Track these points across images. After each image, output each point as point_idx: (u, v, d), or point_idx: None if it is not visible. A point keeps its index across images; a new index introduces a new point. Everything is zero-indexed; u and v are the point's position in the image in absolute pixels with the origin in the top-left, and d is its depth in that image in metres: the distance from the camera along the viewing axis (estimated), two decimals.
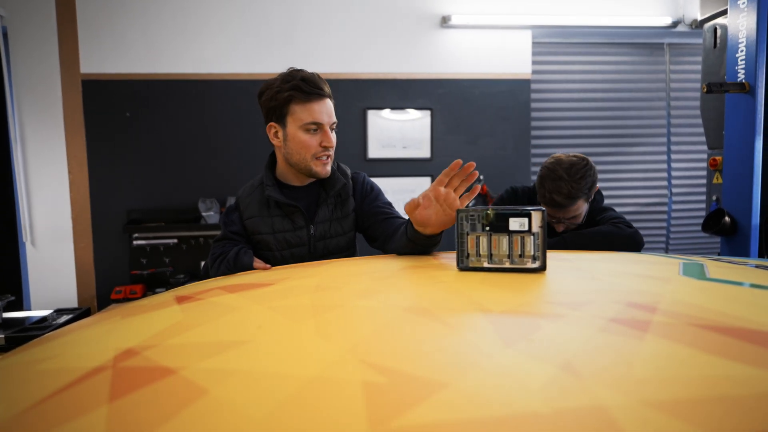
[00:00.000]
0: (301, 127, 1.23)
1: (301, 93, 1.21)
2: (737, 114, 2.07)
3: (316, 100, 1.23)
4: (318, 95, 1.23)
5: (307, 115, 1.22)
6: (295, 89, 1.21)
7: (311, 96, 1.22)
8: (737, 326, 0.46)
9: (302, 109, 1.22)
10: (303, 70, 1.26)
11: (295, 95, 1.21)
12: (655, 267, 0.79)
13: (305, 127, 1.23)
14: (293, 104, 1.23)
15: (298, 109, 1.23)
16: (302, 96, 1.22)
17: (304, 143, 1.24)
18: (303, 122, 1.23)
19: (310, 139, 1.24)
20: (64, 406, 0.40)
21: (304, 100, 1.22)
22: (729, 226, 2.06)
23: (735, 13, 2.05)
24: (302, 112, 1.22)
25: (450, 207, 0.98)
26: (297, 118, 1.23)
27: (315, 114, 1.23)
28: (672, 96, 3.52)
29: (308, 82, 1.22)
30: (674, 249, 3.62)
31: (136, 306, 0.75)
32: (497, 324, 0.50)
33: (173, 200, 3.07)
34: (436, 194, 0.98)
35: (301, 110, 1.22)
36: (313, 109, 1.23)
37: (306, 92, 1.21)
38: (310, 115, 1.22)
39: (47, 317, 2.22)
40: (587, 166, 1.45)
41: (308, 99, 1.22)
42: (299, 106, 1.22)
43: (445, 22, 3.14)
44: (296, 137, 1.24)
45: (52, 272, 2.98)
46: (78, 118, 2.95)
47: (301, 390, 0.38)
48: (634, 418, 0.32)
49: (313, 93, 1.22)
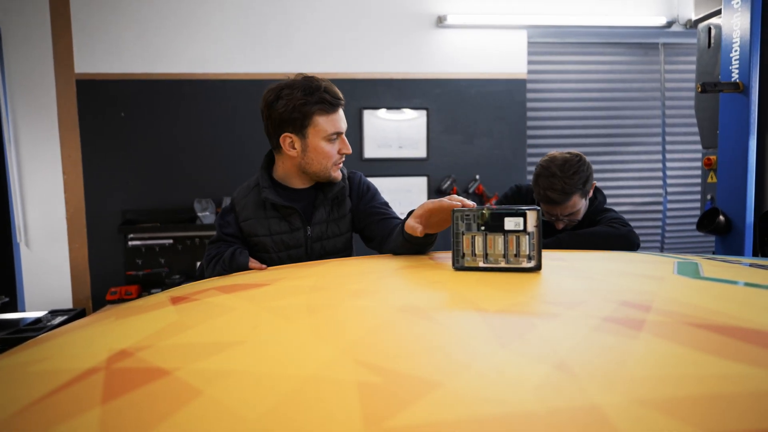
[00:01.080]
0: (325, 137, 1.24)
1: (327, 105, 1.22)
2: (731, 113, 2.08)
3: (337, 111, 1.25)
4: (338, 105, 1.25)
5: (331, 126, 1.24)
6: (322, 102, 1.21)
7: (335, 107, 1.24)
8: (731, 325, 0.46)
9: (326, 121, 1.23)
10: (317, 79, 1.25)
11: (321, 108, 1.22)
12: (650, 266, 0.79)
13: (328, 138, 1.24)
14: (317, 116, 1.23)
15: (322, 121, 1.23)
16: (327, 108, 1.22)
17: (326, 153, 1.25)
18: (327, 133, 1.23)
19: (332, 148, 1.26)
20: (57, 408, 0.40)
21: (328, 112, 1.23)
22: (723, 225, 2.07)
23: (729, 13, 2.06)
24: (326, 124, 1.23)
25: (446, 213, 0.98)
26: (321, 130, 1.23)
27: (337, 124, 1.25)
28: (666, 95, 3.53)
29: (331, 93, 1.23)
30: (669, 248, 3.63)
31: (131, 307, 0.74)
32: (492, 323, 0.50)
33: (168, 201, 3.06)
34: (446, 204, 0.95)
35: (325, 122, 1.23)
36: (336, 120, 1.24)
37: (331, 104, 1.22)
38: (333, 126, 1.24)
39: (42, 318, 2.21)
40: (580, 162, 1.46)
41: (332, 110, 1.24)
42: (323, 118, 1.23)
43: (441, 21, 3.14)
44: (318, 147, 1.25)
45: (46, 273, 2.97)
46: (72, 118, 2.94)
47: (296, 390, 0.38)
48: (627, 416, 0.32)
49: (337, 105, 1.24)
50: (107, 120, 2.99)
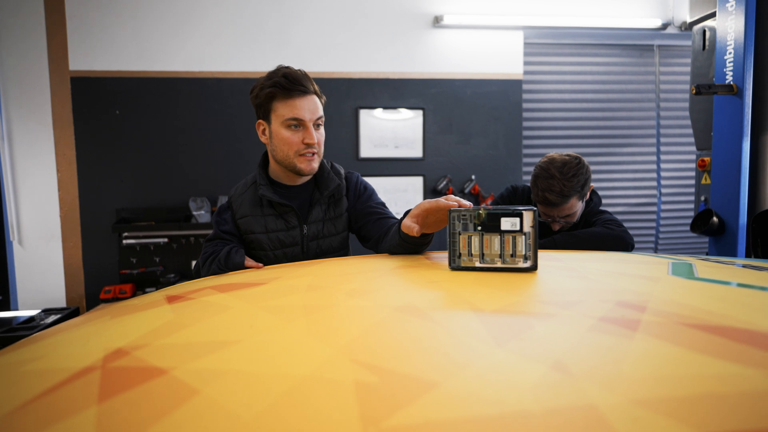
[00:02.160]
0: (283, 123, 1.23)
1: (282, 89, 1.21)
2: (725, 115, 2.09)
3: (297, 97, 1.22)
4: (300, 92, 1.22)
5: (288, 111, 1.22)
6: (276, 86, 1.21)
7: (292, 92, 1.22)
8: (725, 325, 0.46)
9: (284, 106, 1.22)
10: (288, 67, 1.25)
11: (277, 92, 1.22)
12: (645, 267, 0.80)
13: (286, 123, 1.23)
14: (275, 101, 1.23)
15: (280, 106, 1.23)
16: (283, 92, 1.21)
17: (286, 140, 1.24)
18: (284, 118, 1.23)
19: (292, 135, 1.24)
20: (52, 407, 0.39)
21: (285, 97, 1.22)
22: (717, 226, 2.08)
23: (723, 16, 2.07)
24: (283, 108, 1.22)
25: (443, 212, 0.98)
26: (279, 115, 1.23)
27: (296, 110, 1.22)
28: (661, 97, 3.55)
29: (289, 78, 1.21)
30: (663, 249, 3.65)
31: (125, 306, 0.74)
32: (489, 323, 0.50)
33: (163, 199, 3.05)
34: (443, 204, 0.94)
35: (282, 107, 1.23)
36: (294, 105, 1.22)
37: (287, 88, 1.21)
38: (291, 111, 1.22)
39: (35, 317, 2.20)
40: (579, 165, 1.46)
41: (290, 95, 1.22)
42: (281, 103, 1.23)
43: (438, 22, 3.15)
44: (279, 134, 1.24)
45: (40, 272, 2.95)
46: (67, 115, 2.92)
47: (293, 390, 0.38)
48: (623, 416, 0.32)
49: (294, 89, 1.21)
50: (102, 118, 2.97)
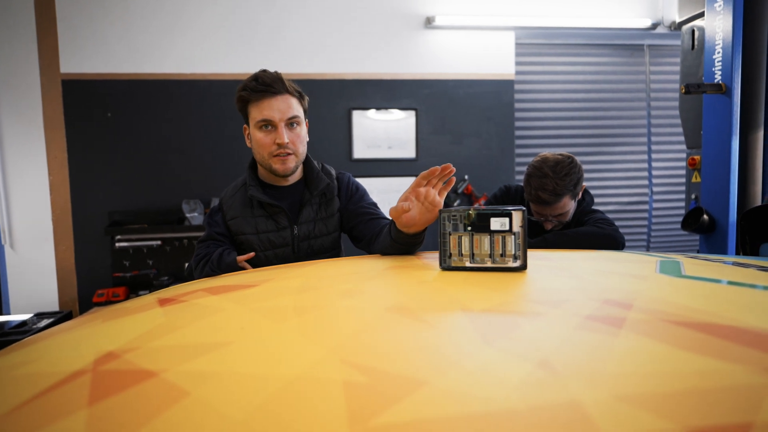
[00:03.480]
0: (256, 125, 1.25)
1: (252, 92, 1.22)
2: (714, 114, 2.11)
3: (267, 98, 1.23)
4: (270, 93, 1.22)
5: (258, 113, 1.23)
6: (246, 89, 1.23)
7: (262, 94, 1.22)
8: (709, 322, 0.47)
9: (255, 108, 1.24)
10: (264, 71, 1.26)
11: (247, 95, 1.23)
12: (633, 265, 0.80)
13: (259, 125, 1.24)
14: (249, 105, 1.24)
15: (253, 109, 1.24)
16: (254, 95, 1.23)
17: (259, 141, 1.25)
18: (256, 120, 1.24)
19: (265, 137, 1.25)
20: (42, 411, 0.40)
21: (256, 99, 1.23)
22: (707, 224, 2.11)
23: (712, 16, 2.09)
24: (255, 111, 1.24)
25: (431, 204, 0.99)
26: (253, 117, 1.25)
27: (265, 111, 1.23)
28: (652, 96, 3.58)
29: (259, 81, 1.22)
30: (655, 247, 3.68)
31: (118, 309, 0.74)
32: (477, 322, 0.51)
33: (156, 201, 3.04)
34: (417, 195, 0.99)
35: (255, 109, 1.24)
36: (264, 107, 1.23)
37: (255, 90, 1.22)
38: (260, 113, 1.23)
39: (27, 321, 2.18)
40: (572, 164, 1.48)
41: (260, 97, 1.23)
42: (253, 106, 1.24)
43: (430, 22, 3.15)
44: (254, 136, 1.26)
45: (32, 275, 2.93)
46: (58, 118, 2.91)
47: (283, 391, 0.38)
48: (607, 412, 0.33)
49: (260, 90, 1.22)
50: (93, 120, 2.96)
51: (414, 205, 1.00)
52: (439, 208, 1.00)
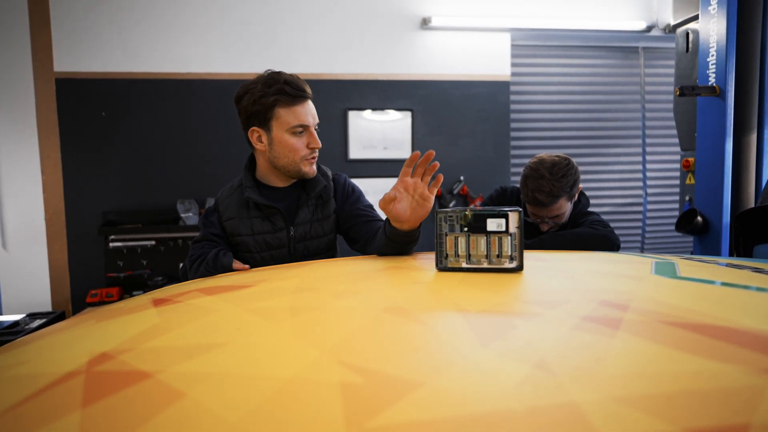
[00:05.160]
0: (288, 130, 1.24)
1: (287, 96, 1.22)
2: (708, 116, 2.12)
3: (300, 103, 1.24)
4: (303, 98, 1.24)
5: (294, 118, 1.23)
6: (280, 93, 1.21)
7: (296, 99, 1.23)
8: (704, 323, 0.47)
9: (288, 113, 1.23)
10: (283, 73, 1.25)
11: (281, 99, 1.22)
12: (629, 266, 0.81)
13: (292, 130, 1.24)
14: (278, 108, 1.23)
15: (284, 113, 1.23)
16: (287, 99, 1.22)
17: (292, 146, 1.25)
18: (290, 125, 1.23)
19: (298, 141, 1.25)
20: (35, 413, 0.39)
21: (289, 104, 1.23)
22: (701, 225, 2.12)
23: (706, 19, 2.10)
24: (288, 116, 1.23)
25: (421, 196, 0.99)
26: (283, 122, 1.23)
27: (301, 117, 1.24)
28: (646, 98, 3.60)
29: (292, 85, 1.22)
30: (649, 248, 3.70)
31: (111, 309, 0.73)
32: (474, 323, 0.51)
33: (151, 201, 3.02)
34: (405, 185, 1.00)
35: (286, 114, 1.23)
36: (299, 112, 1.23)
37: (291, 95, 1.22)
38: (296, 118, 1.23)
39: (19, 322, 2.16)
40: (569, 166, 1.48)
41: (293, 102, 1.23)
42: (284, 110, 1.23)
43: (426, 23, 3.16)
44: (283, 141, 1.25)
45: (24, 275, 2.90)
46: (51, 117, 2.89)
47: (278, 392, 0.38)
48: (604, 413, 0.33)
49: (298, 96, 1.23)
50: (87, 119, 2.94)
51: (403, 196, 1.00)
52: (431, 202, 1.00)
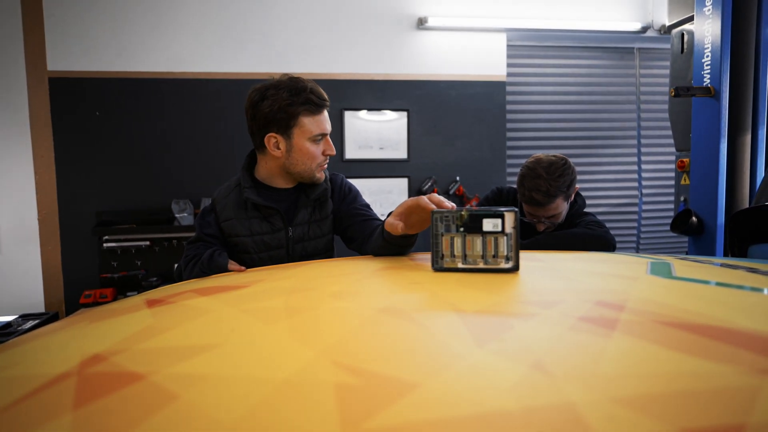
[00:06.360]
0: (310, 138, 1.25)
1: (313, 106, 1.23)
2: (703, 117, 2.13)
3: (322, 112, 1.26)
4: (324, 106, 1.26)
5: (316, 127, 1.25)
6: (308, 103, 1.22)
7: (320, 108, 1.25)
8: (701, 323, 0.47)
9: (312, 122, 1.24)
10: (303, 80, 1.25)
11: (308, 109, 1.23)
12: (624, 266, 0.81)
13: (313, 139, 1.25)
14: (302, 117, 1.24)
15: (308, 122, 1.24)
16: (313, 108, 1.23)
17: (311, 154, 1.26)
18: (312, 134, 1.24)
19: (317, 149, 1.27)
20: (26, 415, 0.39)
21: (314, 113, 1.24)
22: (696, 225, 2.12)
23: (701, 20, 2.11)
24: (311, 125, 1.24)
25: (425, 212, 0.98)
26: (306, 130, 1.24)
27: (323, 125, 1.26)
28: (642, 99, 3.61)
29: (317, 95, 1.24)
30: (644, 248, 3.71)
31: (105, 310, 0.73)
32: (470, 324, 0.50)
33: (145, 201, 3.01)
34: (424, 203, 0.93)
35: (310, 123, 1.24)
36: (321, 121, 1.26)
37: (318, 105, 1.24)
38: (319, 127, 1.25)
39: (12, 323, 2.14)
40: (566, 165, 1.48)
41: (318, 111, 1.25)
42: (309, 119, 1.24)
43: (422, 23, 3.16)
44: (303, 148, 1.25)
45: (17, 276, 2.88)
46: (45, 117, 2.87)
47: (273, 393, 0.38)
48: (600, 414, 0.33)
49: (322, 106, 1.25)
50: (81, 119, 2.92)
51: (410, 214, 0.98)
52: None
